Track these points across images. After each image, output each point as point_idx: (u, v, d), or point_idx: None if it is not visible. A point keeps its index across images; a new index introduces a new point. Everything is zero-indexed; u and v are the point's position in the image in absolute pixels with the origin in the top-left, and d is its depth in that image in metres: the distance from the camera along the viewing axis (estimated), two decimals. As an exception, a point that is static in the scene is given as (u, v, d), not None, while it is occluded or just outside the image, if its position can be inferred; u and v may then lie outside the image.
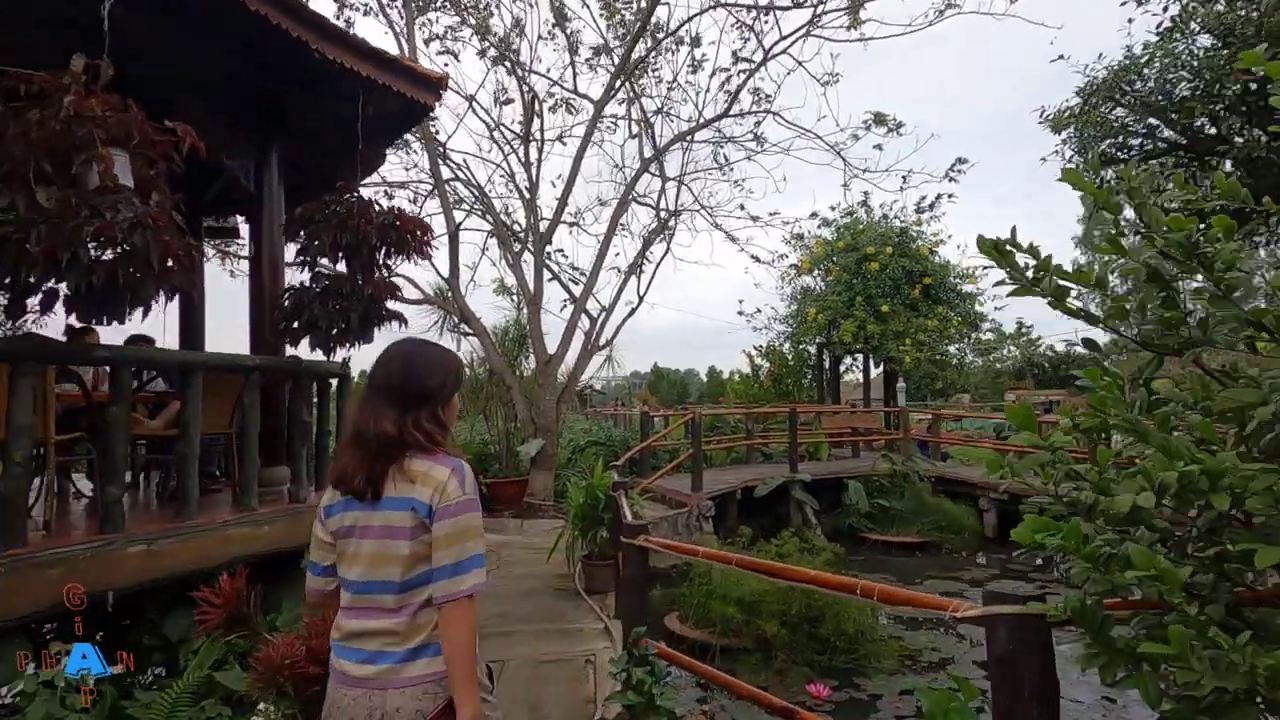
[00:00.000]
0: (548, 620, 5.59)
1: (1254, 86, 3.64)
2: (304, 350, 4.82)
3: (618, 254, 12.98)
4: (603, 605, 6.25)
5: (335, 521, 1.59)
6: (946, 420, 15.02)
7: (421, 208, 11.75)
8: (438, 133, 10.78)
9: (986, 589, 1.73)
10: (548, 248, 11.15)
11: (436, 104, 5.53)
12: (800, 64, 11.22)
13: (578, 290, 11.19)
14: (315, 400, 5.22)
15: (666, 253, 12.16)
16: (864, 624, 6.00)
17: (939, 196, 14.60)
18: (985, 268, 15.53)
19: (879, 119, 11.34)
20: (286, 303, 4.60)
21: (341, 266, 4.77)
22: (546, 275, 11.20)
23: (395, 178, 11.61)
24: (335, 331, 4.51)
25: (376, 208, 4.69)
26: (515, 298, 12.17)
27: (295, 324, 4.58)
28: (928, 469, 11.54)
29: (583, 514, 6.73)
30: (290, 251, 5.10)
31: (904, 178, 11.75)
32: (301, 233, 4.74)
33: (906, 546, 10.12)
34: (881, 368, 16.16)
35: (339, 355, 4.80)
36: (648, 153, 11.65)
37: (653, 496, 9.56)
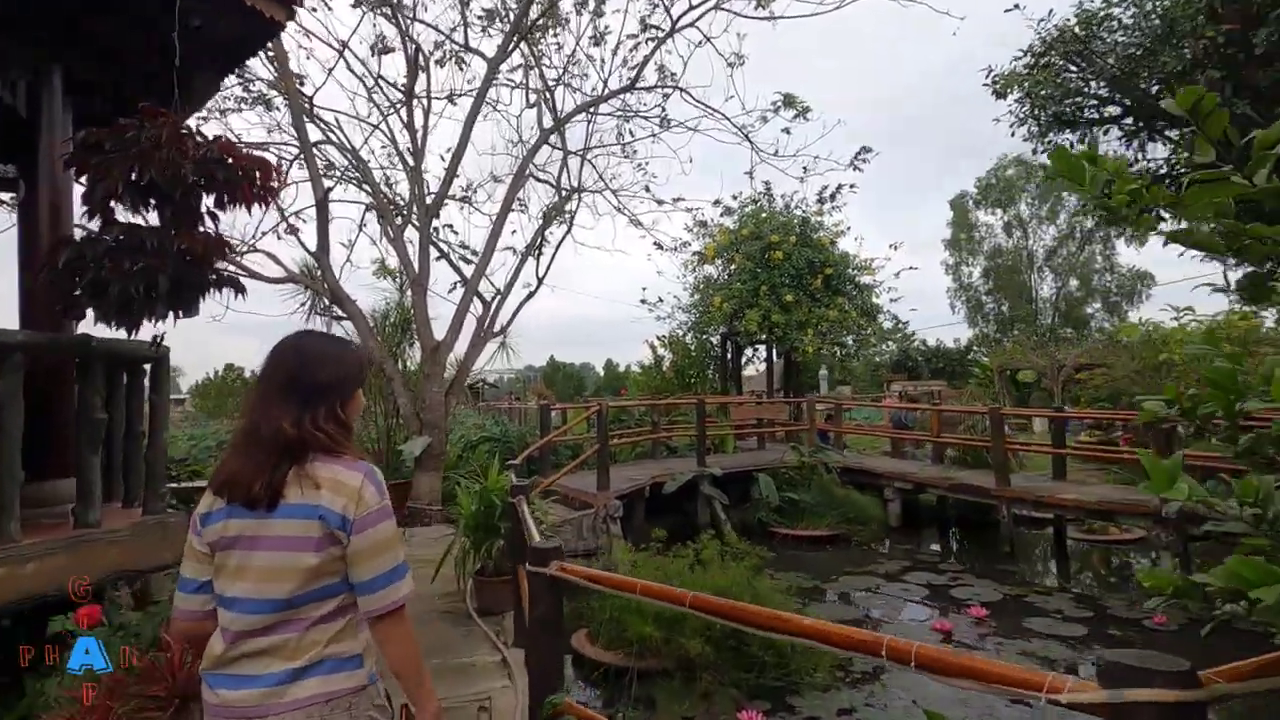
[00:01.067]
0: (434, 653, 4.66)
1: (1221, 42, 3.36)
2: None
3: (514, 231, 11.95)
4: (499, 629, 5.37)
5: (214, 532, 1.44)
6: (845, 410, 15.15)
7: (286, 175, 10.22)
8: (303, 82, 9.33)
9: (1104, 658, 0.95)
10: (435, 222, 9.99)
11: (287, 21, 4.41)
12: (708, 39, 10.67)
13: (469, 271, 10.09)
14: (124, 392, 4.04)
15: (568, 233, 11.27)
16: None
17: (839, 187, 14.59)
18: (885, 258, 15.79)
19: (788, 101, 10.98)
20: (62, 260, 3.38)
21: (155, 219, 3.61)
22: (434, 254, 10.03)
23: (253, 139, 10.02)
24: (135, 300, 3.35)
25: (199, 138, 3.56)
26: (398, 279, 10.88)
27: (76, 290, 3.38)
28: (838, 460, 11.38)
29: (476, 523, 5.80)
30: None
31: (814, 159, 11.47)
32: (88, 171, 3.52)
33: (817, 540, 9.85)
34: (783, 358, 16.05)
35: (148, 331, 3.64)
36: (548, 123, 10.71)
37: (555, 497, 8.71)
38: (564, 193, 11.29)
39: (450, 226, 10.81)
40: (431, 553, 6.53)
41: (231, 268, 7.66)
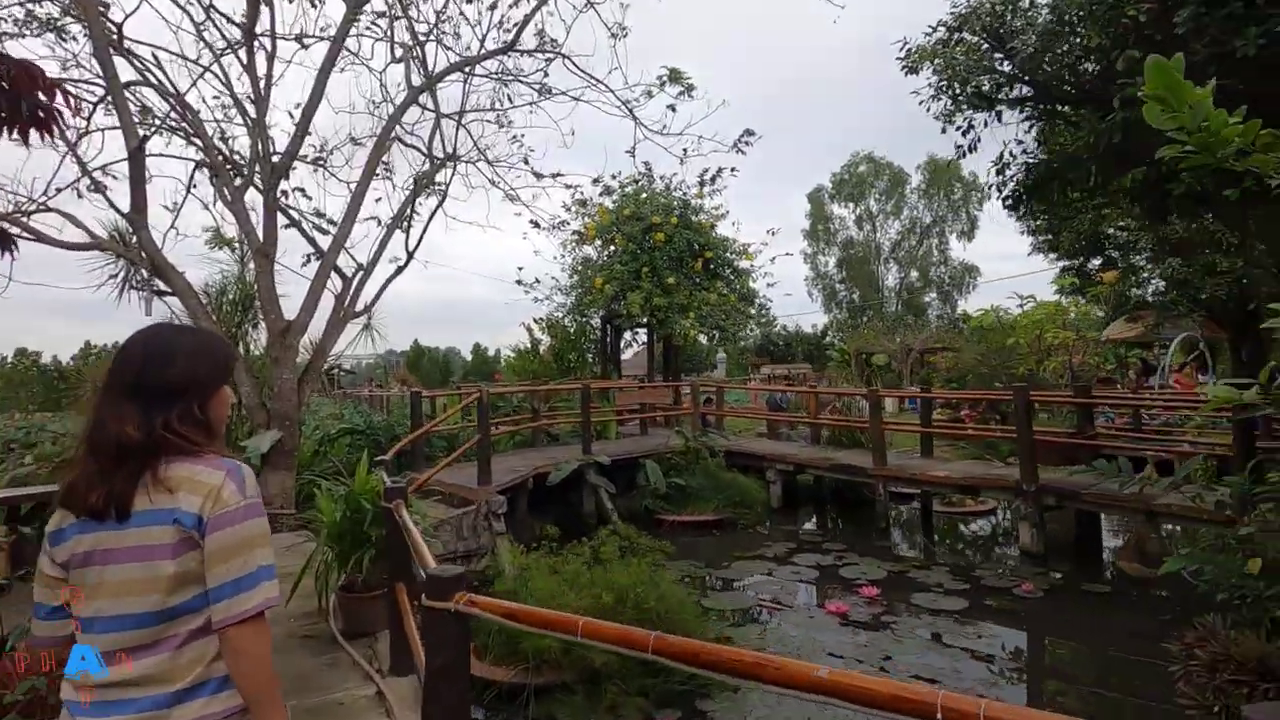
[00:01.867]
0: (292, 690, 3.88)
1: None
2: None
3: (379, 199, 10.77)
4: (371, 654, 4.65)
5: (66, 550, 1.33)
6: (721, 393, 15.31)
7: (89, 120, 8.48)
8: (108, 6, 7.72)
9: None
10: (283, 185, 8.70)
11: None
12: (591, 4, 10.09)
13: (326, 243, 8.91)
14: None
15: (440, 205, 10.30)
16: (697, 630, 5.20)
17: (719, 170, 14.57)
18: (762, 244, 16.04)
19: (674, 76, 10.64)
20: None
21: None
22: (282, 221, 8.75)
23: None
24: None
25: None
26: (237, 249, 9.44)
27: None
28: (723, 444, 11.35)
29: (341, 531, 4.99)
30: None
31: (697, 139, 11.20)
32: None
33: (703, 525, 9.75)
34: (662, 342, 15.91)
35: None
36: (417, 81, 9.66)
37: (435, 496, 7.91)
38: (436, 160, 10.30)
39: (302, 191, 9.46)
40: (286, 565, 5.60)
41: (14, 229, 6.16)
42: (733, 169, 14.17)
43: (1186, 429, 11.49)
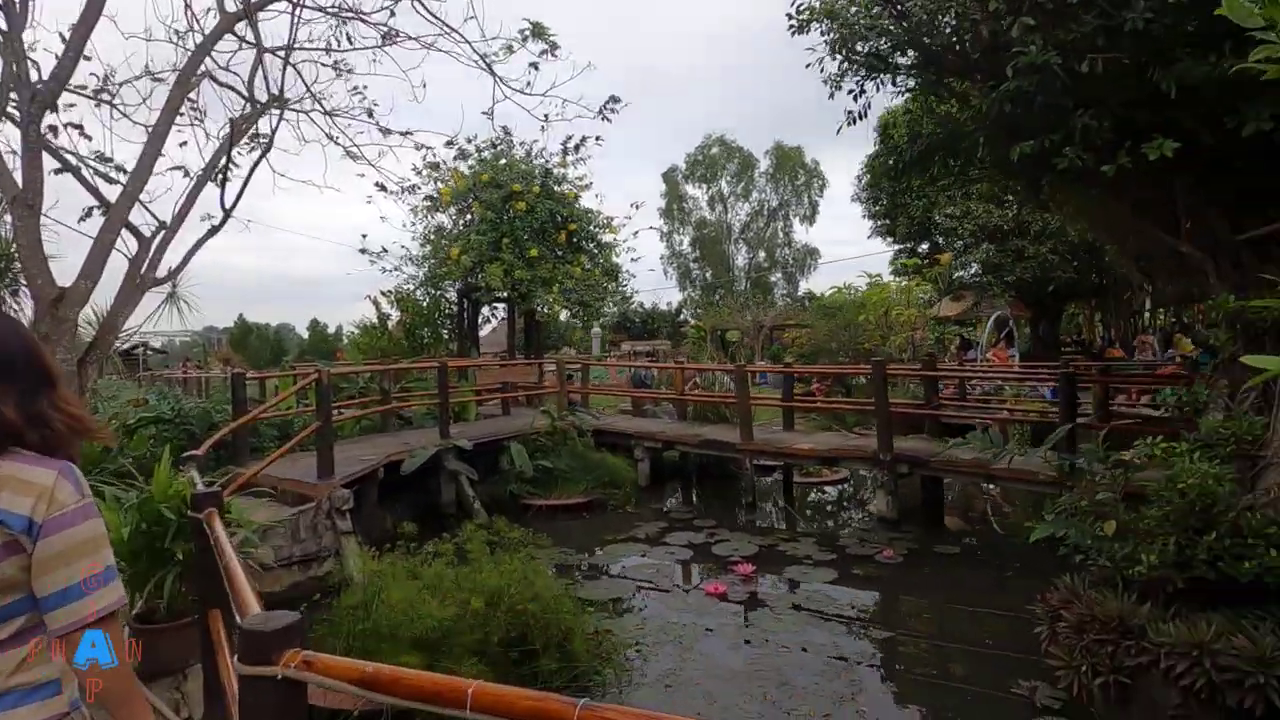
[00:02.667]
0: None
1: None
2: None
3: (184, 142, 9.11)
4: (179, 696, 3.81)
5: None
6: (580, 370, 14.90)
7: None
8: None
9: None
10: (52, 119, 7.01)
11: None
12: (445, -58, 9.06)
13: (115, 194, 7.33)
14: None
15: (263, 157, 8.87)
16: (577, 628, 4.78)
17: (584, 139, 14.01)
18: (626, 217, 15.68)
19: (537, 31, 9.90)
20: None
21: None
22: (53, 165, 7.07)
23: None
24: None
25: None
26: (-12, 198, 7.53)
27: None
28: (592, 423, 10.96)
29: (135, 550, 4.02)
30: None
31: (562, 102, 10.55)
32: None
33: (573, 508, 9.34)
34: (524, 317, 15.18)
35: None
36: (232, 7, 8.18)
37: (262, 492, 6.82)
38: (257, 104, 8.85)
39: (80, 129, 7.72)
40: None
41: None
42: (598, 138, 13.67)
43: (1005, 398, 12.74)
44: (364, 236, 13.98)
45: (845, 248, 72.99)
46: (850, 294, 16.21)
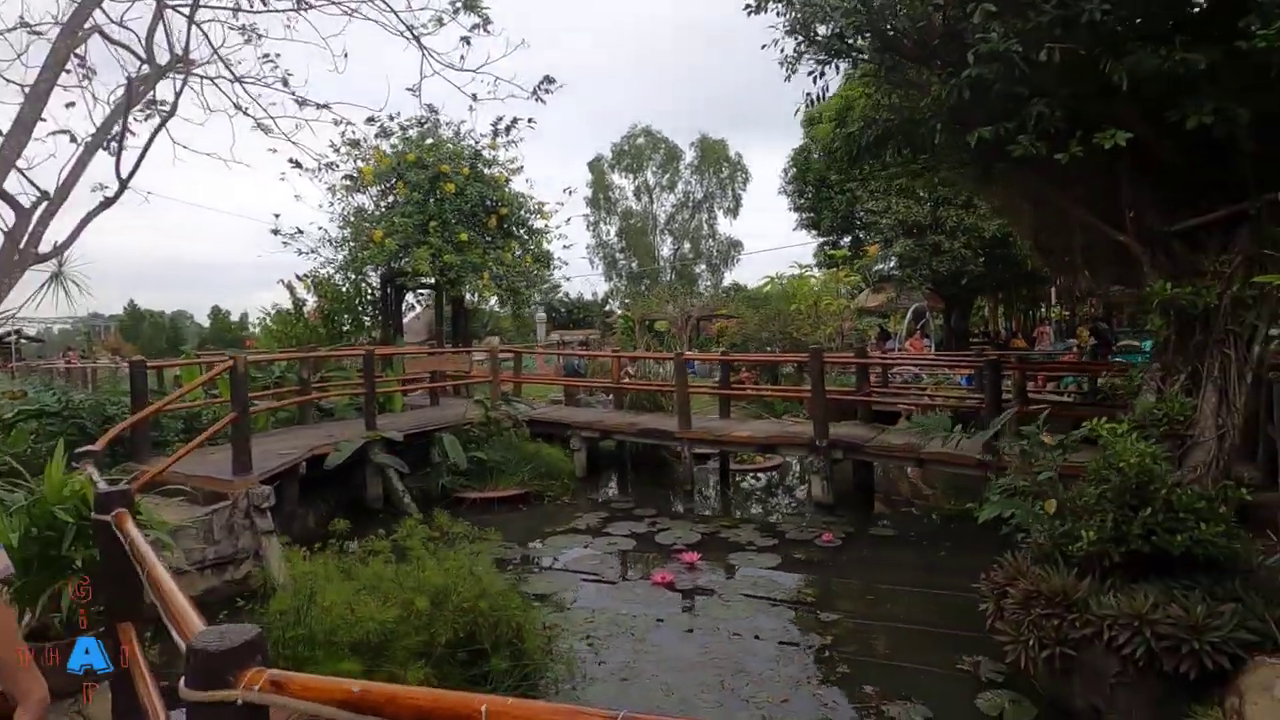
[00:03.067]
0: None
1: None
2: None
3: (71, 104, 8.20)
4: (83, 723, 3.39)
5: None
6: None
7: None
8: None
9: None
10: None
11: None
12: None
13: (-14, 159, 6.47)
14: None
15: (163, 124, 8.07)
16: (528, 624, 4.58)
17: (515, 120, 13.58)
18: (558, 203, 15.31)
19: (469, 3, 9.48)
20: None
21: None
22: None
23: None
24: None
25: None
26: None
27: None
28: (527, 412, 10.66)
29: (27, 558, 3.54)
30: None
31: (495, 81, 10.16)
32: None
33: (509, 500, 9.06)
34: (451, 304, 14.62)
35: None
36: (126, -46, 7.38)
37: (171, 491, 6.23)
38: (156, 66, 8.04)
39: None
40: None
41: None
42: (530, 120, 13.27)
43: (924, 385, 13.29)
44: (277, 216, 13.06)
45: (768, 240, 74.56)
46: (780, 285, 16.51)
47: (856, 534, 7.46)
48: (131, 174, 7.63)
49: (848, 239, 23.51)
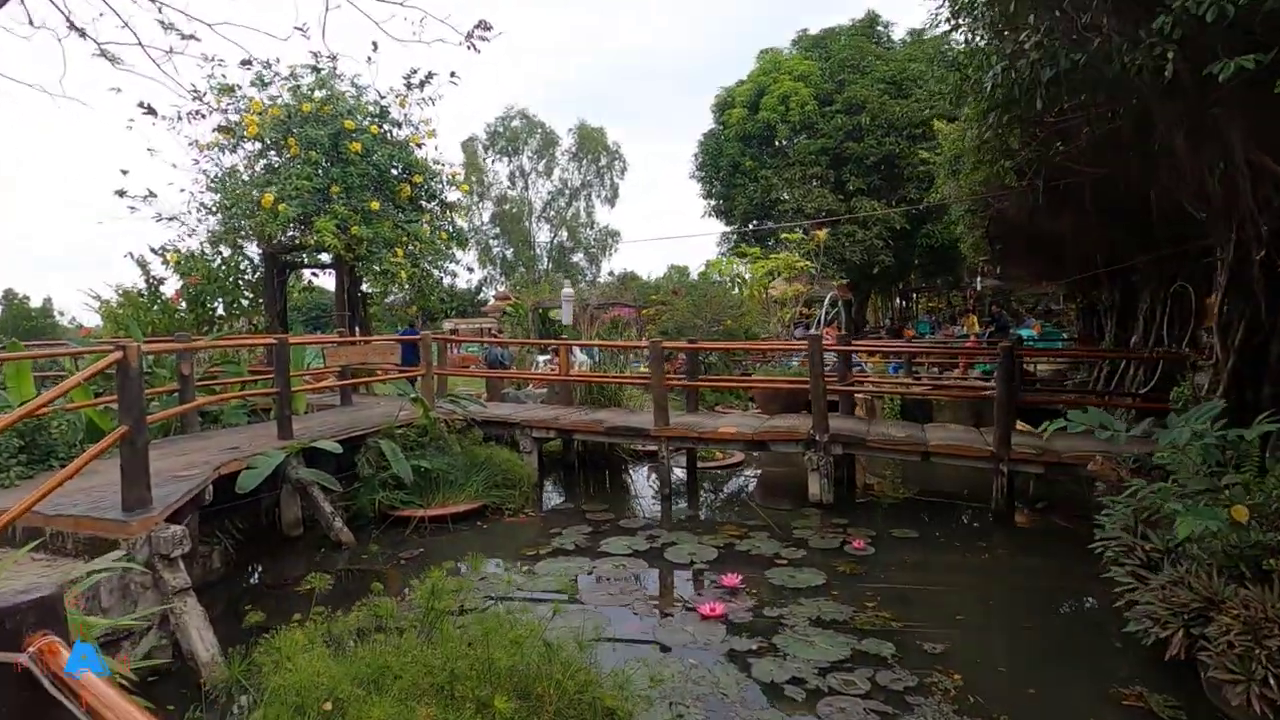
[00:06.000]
0: None
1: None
2: None
3: None
4: None
5: None
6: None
7: None
8: None
9: None
10: None
11: None
12: None
13: None
14: None
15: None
16: (588, 681, 3.38)
17: (431, 75, 11.77)
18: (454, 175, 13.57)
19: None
20: None
21: None
22: None
23: None
24: None
25: None
26: None
27: None
28: (478, 411, 9.11)
29: None
30: None
31: (421, 18, 8.49)
32: None
33: (463, 517, 7.60)
34: (348, 286, 12.52)
35: None
36: None
37: (18, 537, 4.27)
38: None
39: None
40: None
41: None
42: (452, 74, 11.49)
43: (869, 375, 13.17)
44: (125, 173, 10.38)
45: (644, 226, 74.38)
46: (721, 271, 15.87)
47: (879, 537, 6.83)
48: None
49: (751, 225, 23.40)
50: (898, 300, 29.13)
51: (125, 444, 4.52)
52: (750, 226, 20.91)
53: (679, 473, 9.64)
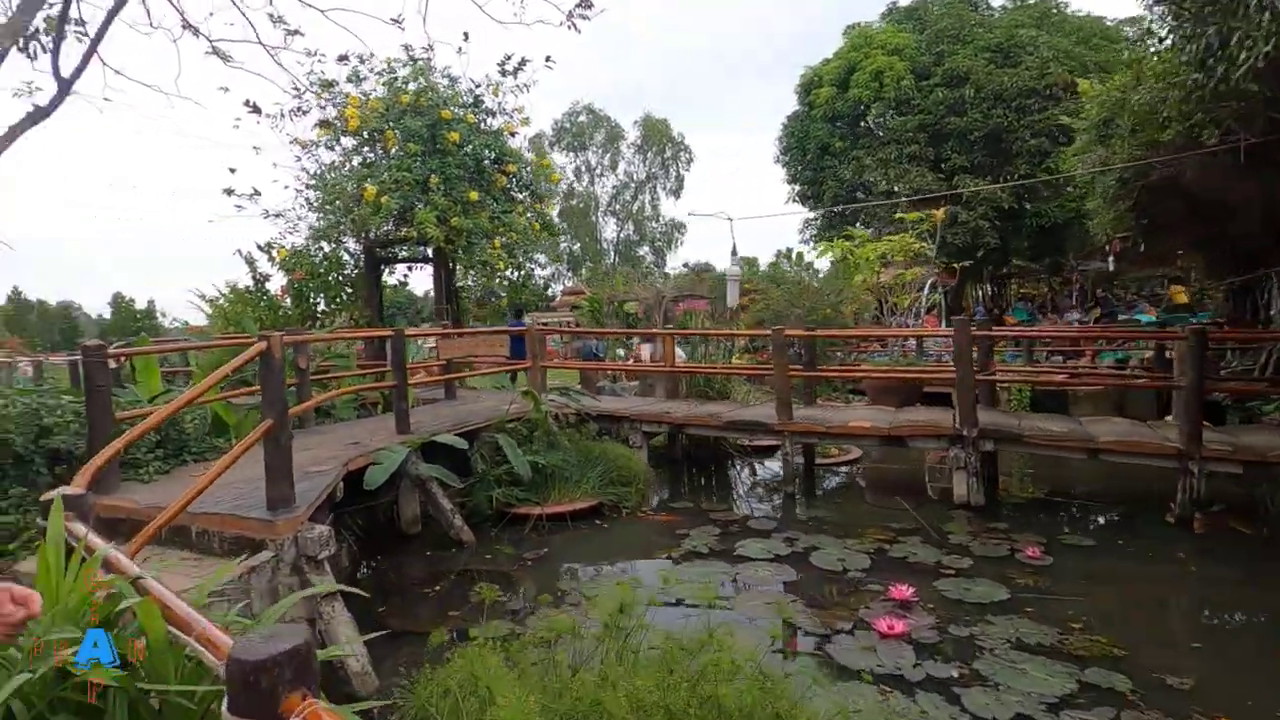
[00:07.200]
0: None
1: None
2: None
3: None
4: None
5: None
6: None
7: None
8: None
9: None
10: None
11: None
12: None
13: None
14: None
15: (117, 11, 5.73)
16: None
17: (524, 61, 11.49)
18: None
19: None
20: None
21: None
22: None
23: None
24: None
25: None
26: None
27: None
28: (593, 405, 8.78)
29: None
30: None
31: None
32: None
33: (581, 515, 7.25)
34: (444, 278, 12.39)
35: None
36: None
37: (163, 538, 4.12)
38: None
39: None
40: None
41: None
42: (547, 58, 11.18)
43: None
44: (232, 171, 10.53)
45: (708, 221, 73.39)
46: (790, 265, 15.15)
47: (1050, 545, 6.08)
48: (75, 77, 5.35)
49: (836, 210, 22.36)
50: (988, 286, 27.50)
51: (269, 439, 4.30)
52: (839, 208, 19.90)
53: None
